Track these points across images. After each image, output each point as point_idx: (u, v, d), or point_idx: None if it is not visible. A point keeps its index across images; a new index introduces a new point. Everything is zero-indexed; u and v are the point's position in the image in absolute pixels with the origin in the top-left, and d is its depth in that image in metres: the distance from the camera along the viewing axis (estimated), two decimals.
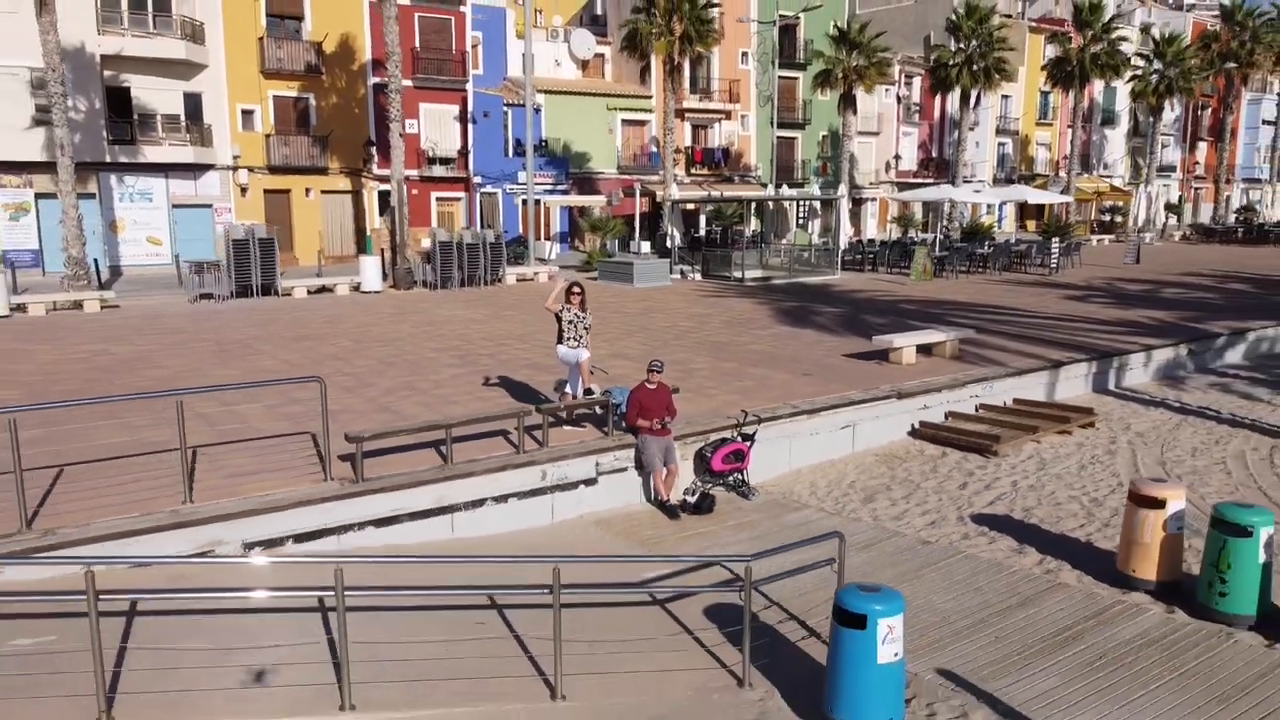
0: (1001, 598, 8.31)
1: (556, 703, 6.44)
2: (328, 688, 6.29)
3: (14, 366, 15.46)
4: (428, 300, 24.37)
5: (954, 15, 43.65)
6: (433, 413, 11.80)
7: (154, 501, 8.60)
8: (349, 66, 34.40)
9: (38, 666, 6.37)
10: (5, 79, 28.59)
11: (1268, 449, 13.04)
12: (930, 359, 15.96)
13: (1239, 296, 25.47)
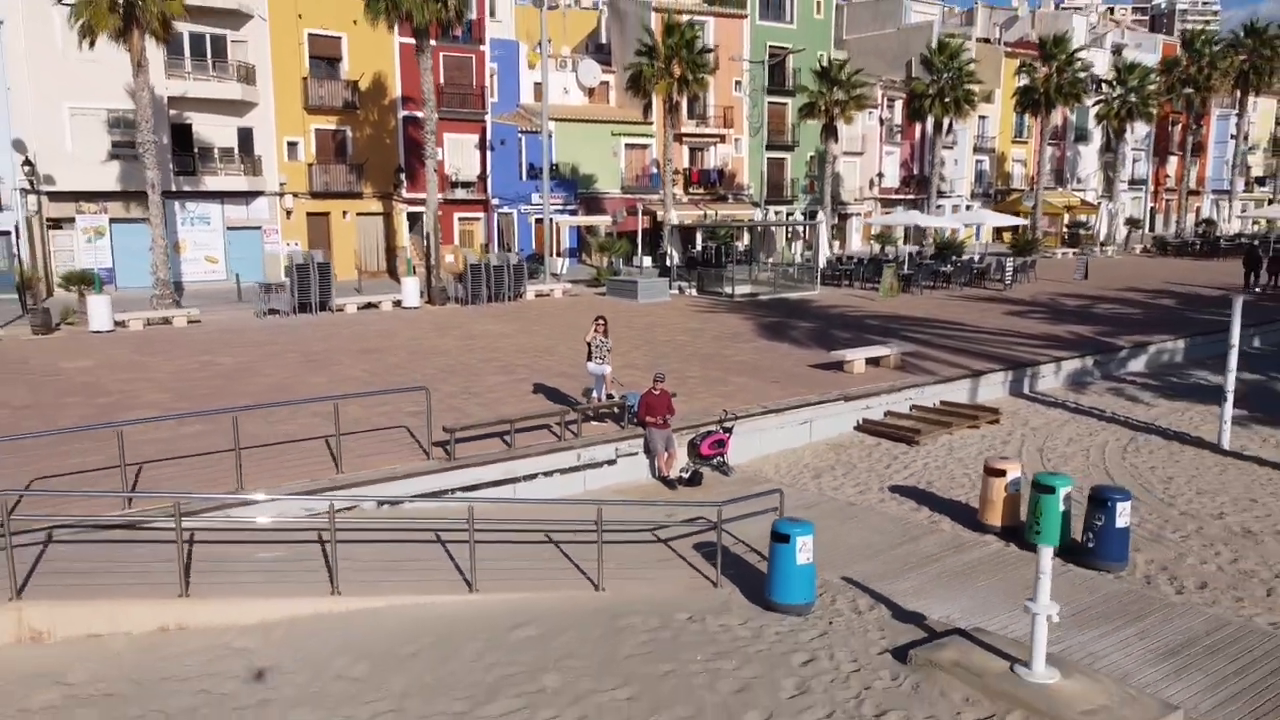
0: (895, 538, 12.29)
1: (599, 592, 10.40)
2: (460, 581, 10.26)
3: (148, 375, 19.42)
4: (461, 315, 28.36)
5: (927, 50, 47.59)
6: (489, 412, 15.75)
7: (321, 471, 12.58)
8: (381, 102, 38.36)
9: (279, 568, 10.34)
10: (87, 119, 32.57)
11: (1126, 441, 17.04)
12: (878, 369, 19.94)
13: (1161, 311, 29.47)
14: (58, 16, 31.51)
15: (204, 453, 13.43)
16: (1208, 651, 9.10)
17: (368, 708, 8.09)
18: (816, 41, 51.49)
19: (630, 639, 9.34)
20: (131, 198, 33.92)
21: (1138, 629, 9.61)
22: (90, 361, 20.90)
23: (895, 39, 58.70)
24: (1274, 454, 16.29)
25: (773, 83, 49.63)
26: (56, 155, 32.22)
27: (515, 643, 9.23)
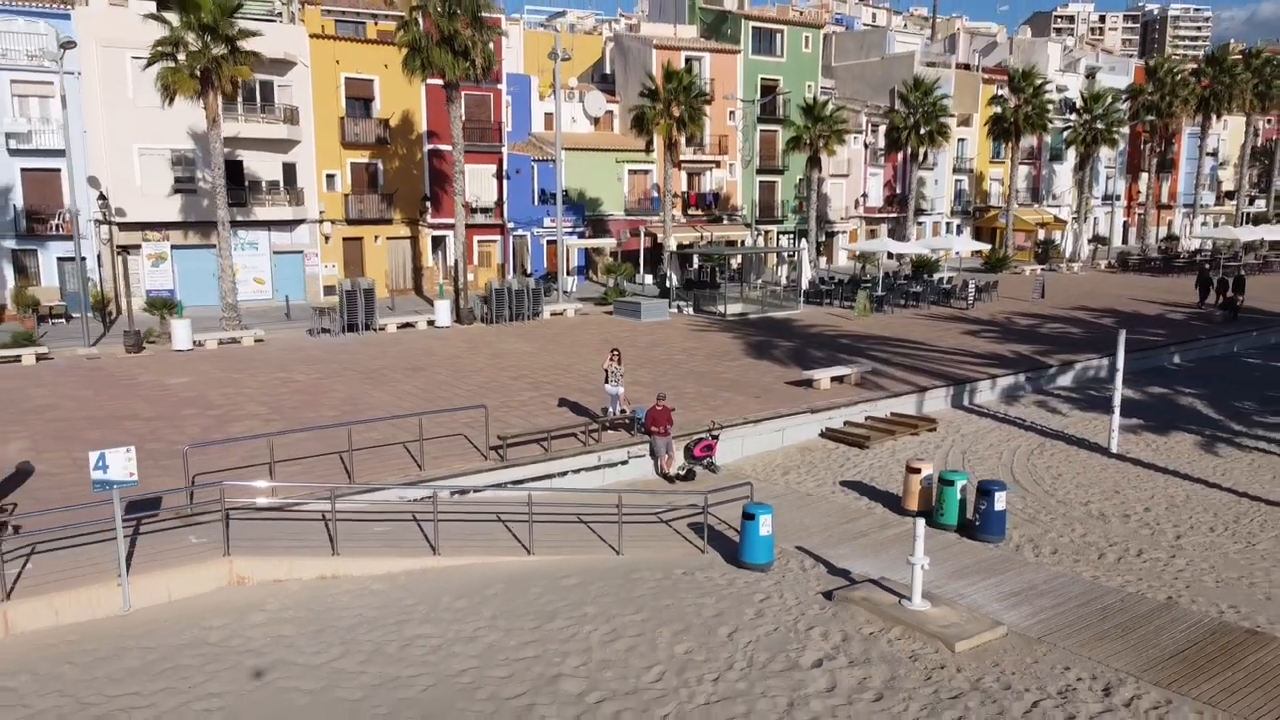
0: (837, 519, 16.48)
1: (619, 555, 14.58)
2: (520, 547, 14.45)
3: (241, 390, 23.59)
4: (488, 334, 32.56)
5: (904, 86, 51.78)
6: (527, 423, 19.92)
7: (407, 469, 16.77)
8: (409, 137, 42.53)
9: (391, 537, 14.53)
10: (153, 158, 36.75)
11: (1036, 445, 21.24)
12: (843, 385, 24.13)
13: (1100, 330, 33.64)
14: (130, 69, 35.72)
15: (318, 454, 17.59)
16: (1039, 594, 13.28)
17: (470, 625, 12.26)
18: (805, 73, 55.67)
19: (641, 585, 13.52)
20: (190, 227, 38.15)
21: (996, 580, 13.80)
22: (187, 378, 25.08)
23: (880, 67, 62.86)
24: (1149, 456, 20.49)
25: (764, 112, 53.79)
26: (126, 190, 36.38)
27: (563, 587, 13.41)
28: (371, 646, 11.64)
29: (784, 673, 11.03)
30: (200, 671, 11.01)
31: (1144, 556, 15.02)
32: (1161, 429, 22.64)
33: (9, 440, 18.60)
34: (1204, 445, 21.35)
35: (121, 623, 12.20)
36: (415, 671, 11.06)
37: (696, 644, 11.70)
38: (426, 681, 10.82)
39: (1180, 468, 19.66)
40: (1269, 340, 34.40)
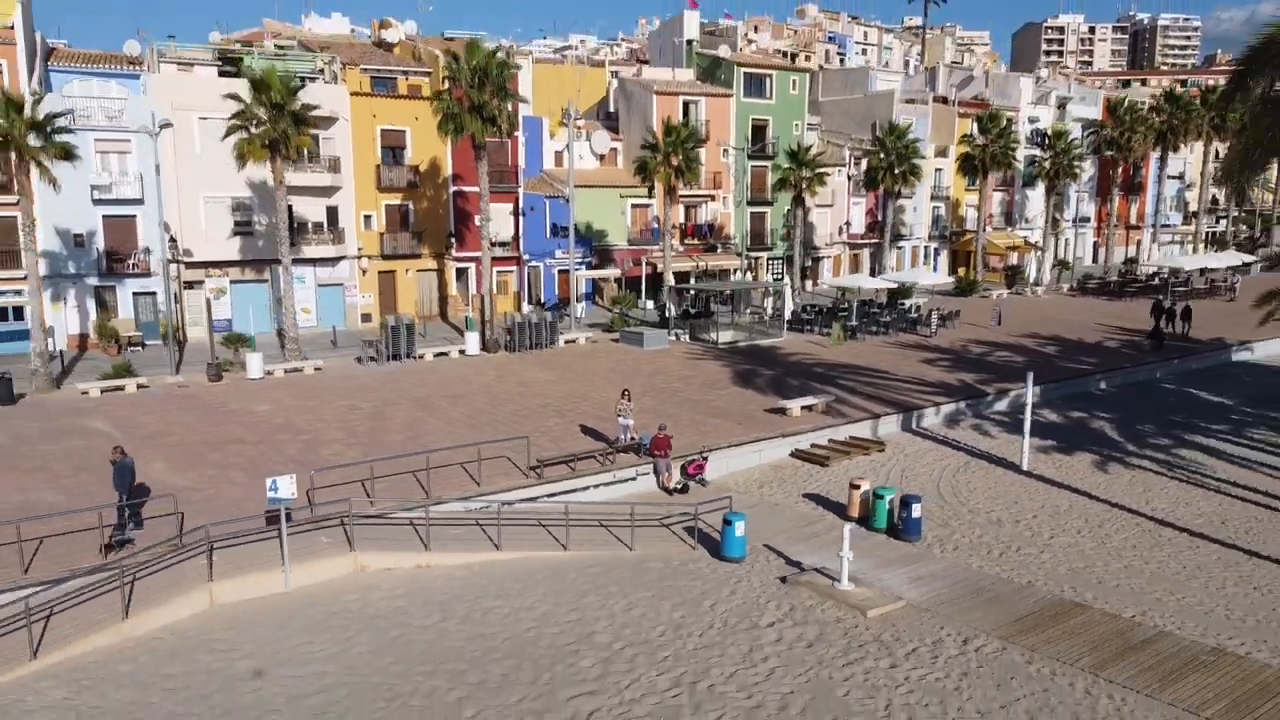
0: (798, 524, 21.66)
1: (632, 551, 19.77)
2: (558, 545, 19.64)
3: (319, 417, 28.71)
4: (513, 362, 37.71)
5: (879, 130, 57.01)
6: (556, 448, 25.06)
7: (467, 486, 21.95)
8: (436, 180, 47.66)
9: (462, 538, 19.69)
10: (216, 205, 41.91)
11: (963, 464, 26.43)
12: (811, 413, 29.31)
13: (1040, 359, 38.81)
14: (197, 128, 40.88)
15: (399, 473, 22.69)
16: (936, 578, 18.48)
17: (528, 599, 17.42)
18: (792, 113, 60.84)
19: (649, 573, 18.70)
20: (246, 264, 43.33)
21: (907, 569, 18.99)
22: (268, 406, 30.23)
23: (862, 103, 68.06)
24: (1051, 472, 25.68)
25: (754, 146, 58.97)
26: (193, 233, 41.53)
27: (591, 573, 18.59)
28: (462, 613, 16.83)
29: (747, 630, 16.23)
30: (347, 629, 16.22)
31: (1021, 552, 20.22)
32: (1068, 449, 27.84)
33: (151, 462, 23.73)
34: (1098, 464, 26.56)
35: (286, 597, 17.39)
36: (494, 630, 16.25)
37: (688, 612, 16.91)
38: (503, 636, 16.01)
39: (1072, 483, 24.86)
40: (1189, 367, 39.60)
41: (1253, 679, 14.62)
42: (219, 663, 15.01)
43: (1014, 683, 14.52)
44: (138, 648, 15.46)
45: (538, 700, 13.95)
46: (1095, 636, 15.97)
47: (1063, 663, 15.07)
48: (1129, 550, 20.31)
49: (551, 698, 14.03)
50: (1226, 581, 18.67)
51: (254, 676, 14.58)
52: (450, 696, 14.07)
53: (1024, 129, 75.11)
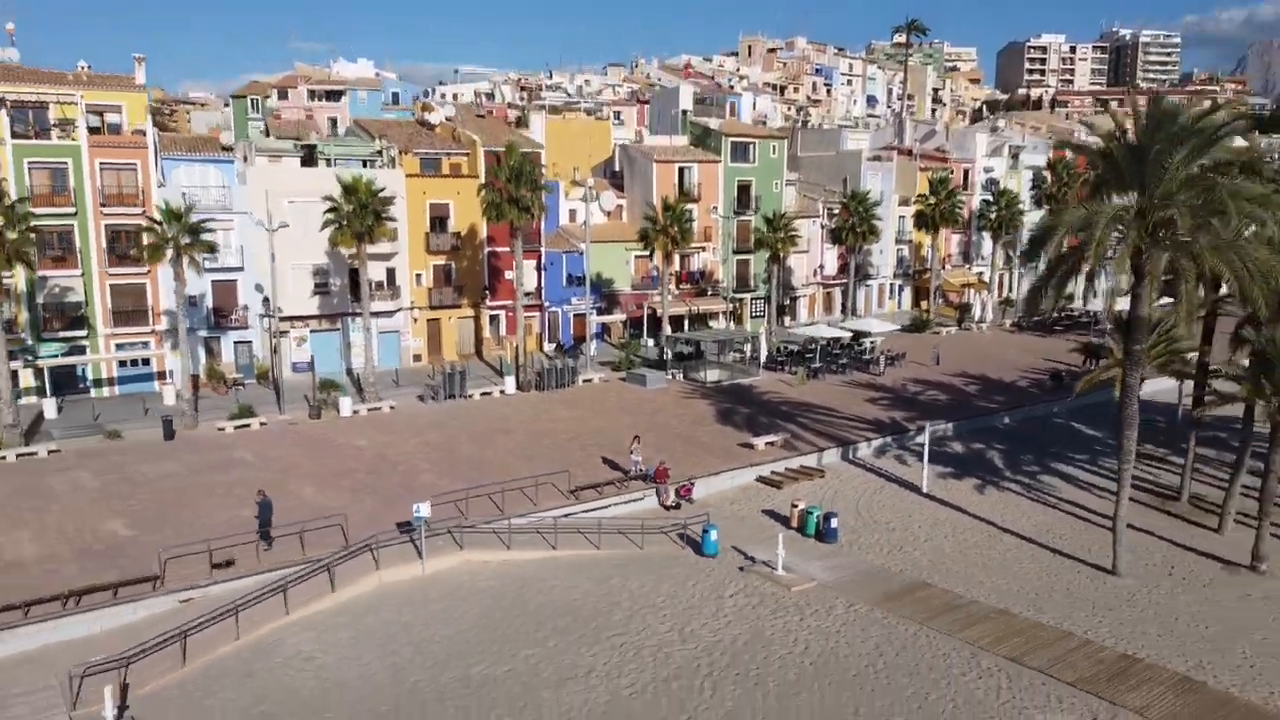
0: (756, 530, 31.67)
1: (642, 550, 29.73)
2: (592, 546, 29.61)
3: (406, 450, 38.57)
4: (543, 401, 47.55)
5: (845, 194, 67.00)
6: (588, 476, 34.95)
7: (525, 505, 31.89)
8: (473, 243, 57.53)
9: (529, 542, 29.63)
10: (299, 270, 51.74)
11: (879, 488, 36.39)
12: (773, 447, 39.23)
13: (961, 397, 48.75)
14: (287, 209, 50.73)
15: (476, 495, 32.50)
16: (842, 568, 28.45)
17: (576, 580, 27.34)
18: (772, 174, 70.73)
19: (654, 564, 28.66)
20: (322, 317, 53.19)
21: (823, 562, 28.95)
22: (365, 441, 40.10)
23: (835, 160, 78.00)
24: (942, 494, 35.60)
25: (740, 203, 68.89)
26: (281, 293, 51.34)
27: (615, 564, 28.53)
28: (534, 589, 26.77)
29: (714, 599, 26.20)
30: (465, 599, 26.16)
31: (902, 550, 30.18)
32: (960, 475, 37.80)
33: (302, 488, 33.63)
34: (978, 487, 36.52)
35: (423, 579, 27.29)
36: (556, 599, 26.18)
37: (678, 588, 26.88)
38: (562, 602, 25.95)
39: (955, 501, 34.80)
40: (1080, 404, 49.51)
41: (1015, 626, 24.59)
42: (395, 616, 24.93)
43: (873, 629, 24.48)
44: (343, 609, 25.36)
45: (588, 637, 23.89)
46: (931, 604, 25.93)
47: (905, 618, 25.02)
48: (973, 549, 30.29)
49: (596, 636, 23.96)
50: (1028, 569, 28.65)
51: (489, 601, 24.52)
52: (536, 634, 24.01)
53: (979, 178, 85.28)
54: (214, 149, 53.92)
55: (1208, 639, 24.12)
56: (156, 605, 25.19)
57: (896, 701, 21.07)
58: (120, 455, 37.83)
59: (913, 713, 20.61)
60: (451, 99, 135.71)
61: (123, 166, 47.93)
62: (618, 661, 22.86)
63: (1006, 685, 21.73)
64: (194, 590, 25.73)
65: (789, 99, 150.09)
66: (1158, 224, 25.53)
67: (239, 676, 22.19)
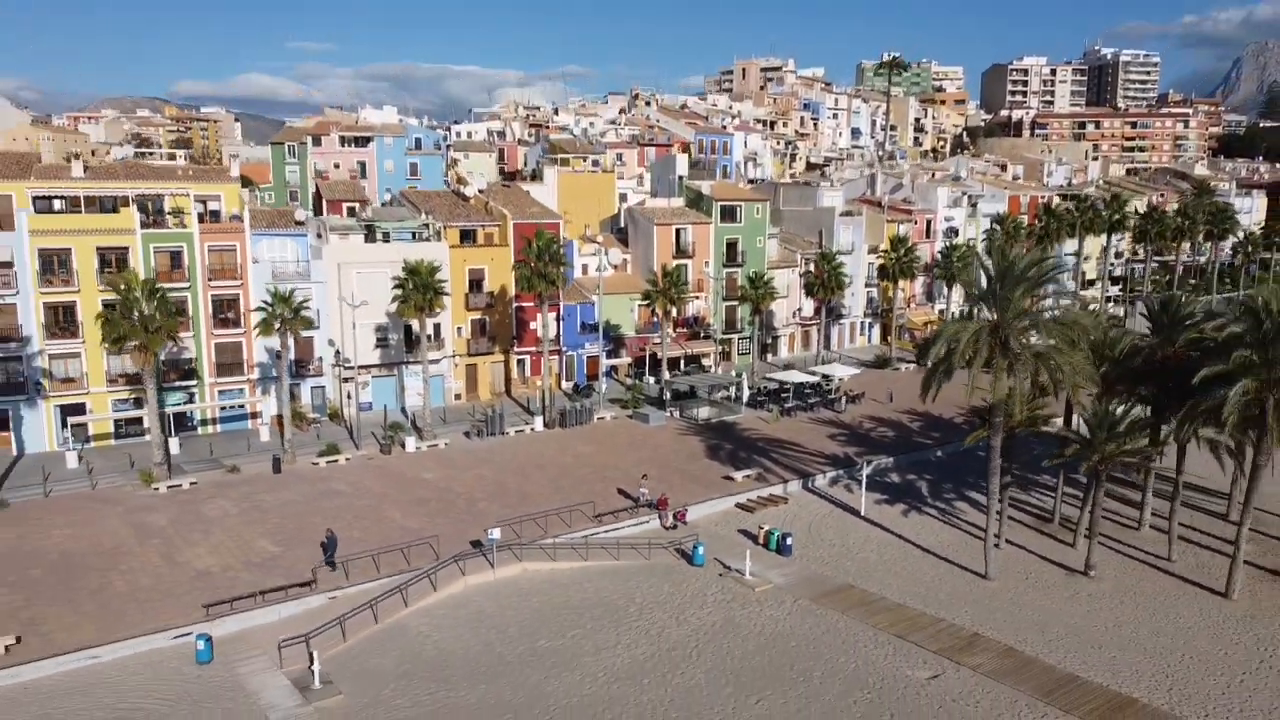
0: (733, 545, 42.97)
1: (649, 560, 41.03)
2: (611, 558, 40.94)
3: (463, 482, 49.82)
4: (566, 437, 58.75)
5: (818, 250, 78.28)
6: (604, 504, 46.24)
7: (560, 528, 43.18)
8: (504, 300, 68.76)
9: (569, 556, 40.94)
10: (364, 328, 62.96)
11: (829, 512, 47.73)
12: (748, 479, 50.53)
13: (905, 433, 60.02)
14: (354, 277, 61.93)
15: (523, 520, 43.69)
16: (794, 575, 39.76)
17: (600, 582, 38.60)
18: (756, 231, 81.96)
19: (657, 571, 39.96)
20: (383, 365, 64.43)
21: (780, 570, 40.27)
22: (431, 475, 51.31)
23: (812, 214, 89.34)
24: (876, 516, 46.85)
25: (729, 258, 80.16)
26: (349, 346, 62.59)
27: (630, 571, 39.82)
28: (573, 590, 38.08)
29: (700, 596, 37.56)
30: (528, 597, 37.47)
31: (839, 562, 41.46)
32: (892, 502, 49.07)
33: (393, 513, 44.88)
34: (904, 511, 47.78)
35: (495, 582, 38.56)
36: (589, 597, 37.50)
37: (675, 589, 38.23)
38: (594, 599, 37.26)
39: (885, 523, 46.04)
40: None
41: (906, 615, 35.87)
42: (479, 608, 36.20)
43: (809, 617, 35.78)
44: (444, 603, 36.60)
45: (612, 622, 35.18)
46: (852, 599, 37.21)
47: (832, 610, 36.32)
48: (890, 560, 41.59)
49: (618, 622, 35.25)
50: (927, 575, 39.92)
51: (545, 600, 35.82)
52: (577, 620, 35.28)
53: (941, 226, 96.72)
54: (289, 223, 65.11)
55: (1035, 623, 35.42)
56: (313, 601, 36.43)
57: (818, 661, 32.36)
58: (247, 486, 49.09)
59: (828, 668, 31.90)
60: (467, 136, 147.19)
61: (224, 247, 59.17)
62: (633, 638, 34.12)
63: (892, 653, 33.04)
64: (338, 591, 36.99)
65: (778, 133, 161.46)
66: (1005, 337, 36.71)
67: (383, 648, 33.44)
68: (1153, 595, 38.24)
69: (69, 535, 42.14)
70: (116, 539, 41.83)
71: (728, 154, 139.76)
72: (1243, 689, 30.95)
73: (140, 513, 45.07)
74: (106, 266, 55.46)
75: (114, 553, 40.30)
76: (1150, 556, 41.92)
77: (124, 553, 40.31)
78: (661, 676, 31.50)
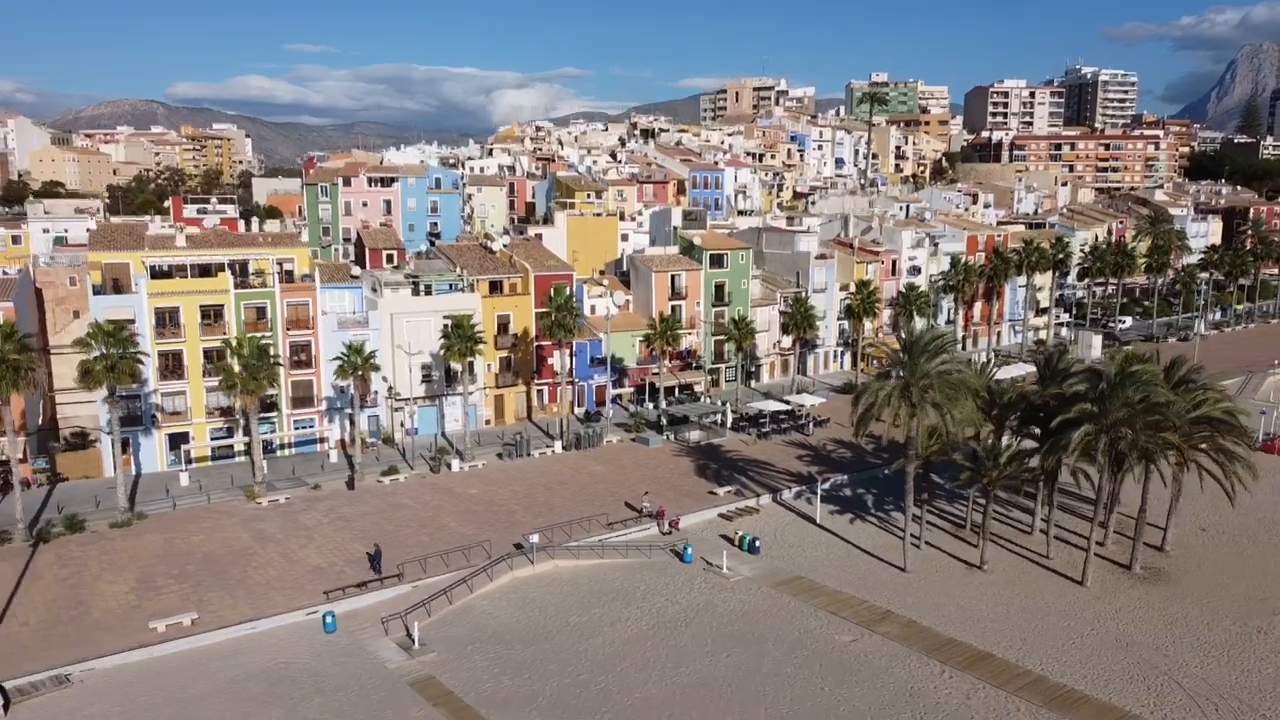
0: (716, 548, 55.79)
1: (650, 559, 53.81)
2: (621, 557, 53.72)
3: (502, 498, 62.58)
4: (581, 458, 71.49)
5: (791, 295, 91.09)
6: (617, 514, 58.99)
7: (582, 534, 56.00)
8: (526, 340, 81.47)
9: (589, 554, 53.73)
10: (414, 366, 75.68)
11: (790, 521, 60.57)
12: (729, 494, 63.33)
13: (860, 452, 72.78)
14: (405, 325, 74.63)
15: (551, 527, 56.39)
16: (761, 568, 52.58)
17: (615, 576, 51.36)
18: (741, 275, 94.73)
19: (657, 567, 52.76)
20: (427, 397, 77.22)
21: (749, 565, 53.11)
22: (475, 490, 64.05)
23: (790, 257, 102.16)
24: (830, 524, 59.63)
25: (717, 299, 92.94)
26: (400, 379, 75.28)
27: (638, 568, 52.62)
28: (595, 581, 50.91)
29: (689, 585, 50.42)
30: (562, 587, 50.28)
31: (795, 559, 54.29)
32: (843, 513, 61.84)
33: (450, 522, 57.60)
34: (851, 520, 60.53)
35: (536, 575, 51.32)
36: (608, 586, 50.34)
37: (670, 580, 51.11)
38: (612, 587, 50.10)
39: (834, 529, 58.78)
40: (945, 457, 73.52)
41: (839, 598, 48.68)
42: (524, 594, 48.96)
43: (768, 600, 48.58)
44: (498, 590, 49.34)
45: (624, 603, 47.94)
46: (801, 587, 50.01)
47: (786, 594, 49.11)
48: (834, 558, 54.37)
49: (628, 603, 48.03)
50: (860, 569, 52.67)
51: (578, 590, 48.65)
52: (598, 602, 48.05)
53: (905, 264, 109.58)
54: (345, 277, 78.00)
55: (934, 604, 48.17)
56: (402, 589, 49.11)
57: (771, 630, 45.11)
58: (330, 500, 61.84)
59: (778, 634, 44.59)
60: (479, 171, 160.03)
61: (299, 302, 71.89)
62: (640, 615, 46.87)
63: (825, 623, 45.82)
64: (419, 581, 49.70)
65: (767, 164, 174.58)
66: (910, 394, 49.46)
67: (458, 622, 46.13)
68: (1028, 584, 51.06)
69: (204, 539, 54.87)
70: (242, 543, 54.55)
71: (719, 188, 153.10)
72: (1078, 649, 43.67)
73: (252, 522, 57.80)
74: (207, 319, 68.21)
75: (244, 553, 53.03)
76: (1034, 555, 54.75)
77: (252, 553, 53.05)
78: (660, 640, 44.25)
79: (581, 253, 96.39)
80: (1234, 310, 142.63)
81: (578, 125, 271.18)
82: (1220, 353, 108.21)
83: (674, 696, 39.40)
